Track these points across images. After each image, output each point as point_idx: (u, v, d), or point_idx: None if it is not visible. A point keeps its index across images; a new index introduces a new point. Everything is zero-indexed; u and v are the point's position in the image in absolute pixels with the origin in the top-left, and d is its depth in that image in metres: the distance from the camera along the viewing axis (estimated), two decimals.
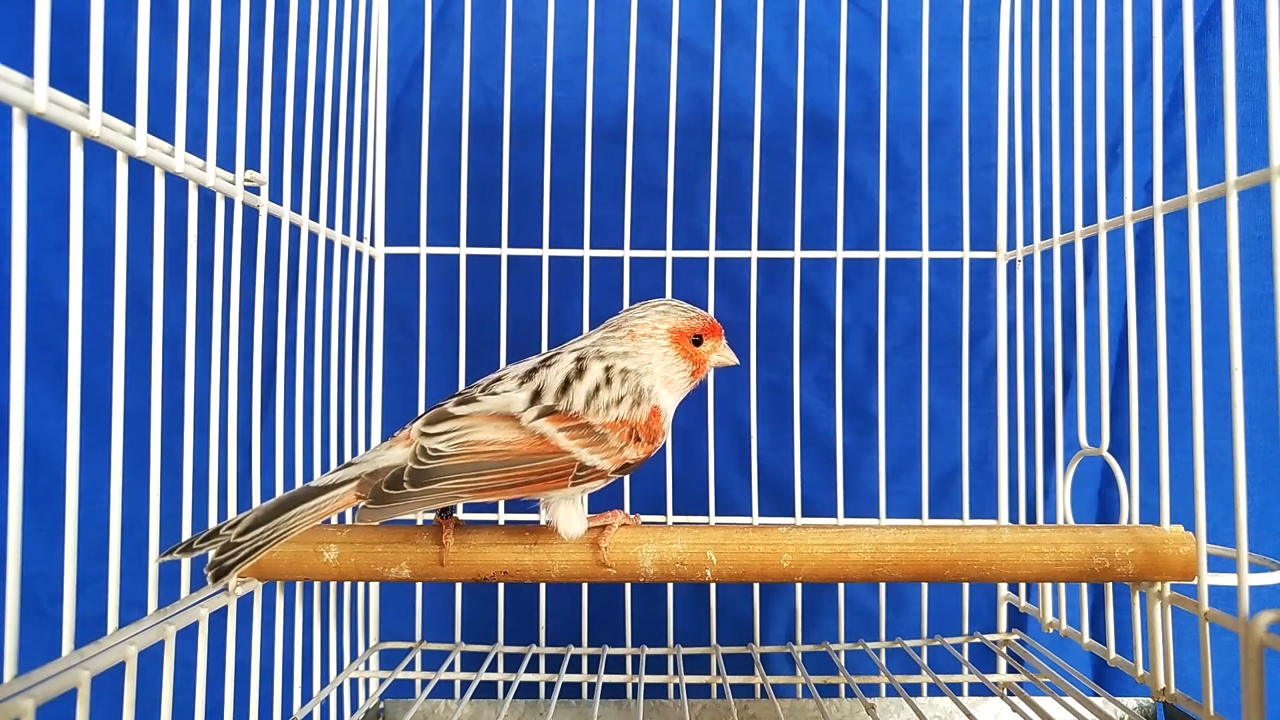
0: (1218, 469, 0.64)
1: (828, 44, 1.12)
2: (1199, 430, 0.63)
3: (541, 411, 0.67)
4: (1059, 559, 0.71)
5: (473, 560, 0.72)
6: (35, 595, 0.98)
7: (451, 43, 1.13)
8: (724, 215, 1.10)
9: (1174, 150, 1.01)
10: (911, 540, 0.72)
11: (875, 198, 1.04)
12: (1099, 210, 0.80)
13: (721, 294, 1.10)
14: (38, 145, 0.48)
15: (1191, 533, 0.68)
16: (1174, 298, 0.73)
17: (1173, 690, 0.69)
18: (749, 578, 0.73)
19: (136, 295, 0.59)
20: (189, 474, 0.64)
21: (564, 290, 1.08)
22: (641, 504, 1.04)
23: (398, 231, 1.05)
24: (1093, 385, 0.87)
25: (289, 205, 0.79)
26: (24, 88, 0.47)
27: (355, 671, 0.92)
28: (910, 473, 1.10)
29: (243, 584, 0.71)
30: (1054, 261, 0.89)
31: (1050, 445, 0.90)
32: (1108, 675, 1.08)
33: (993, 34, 1.06)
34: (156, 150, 0.59)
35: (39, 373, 0.86)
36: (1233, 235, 0.58)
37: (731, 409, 1.14)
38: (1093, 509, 1.11)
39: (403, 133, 1.11)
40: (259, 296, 0.72)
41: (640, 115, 1.05)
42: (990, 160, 1.04)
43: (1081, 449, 0.82)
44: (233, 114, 0.69)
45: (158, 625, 0.60)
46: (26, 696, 0.46)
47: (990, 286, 1.06)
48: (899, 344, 1.14)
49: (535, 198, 1.03)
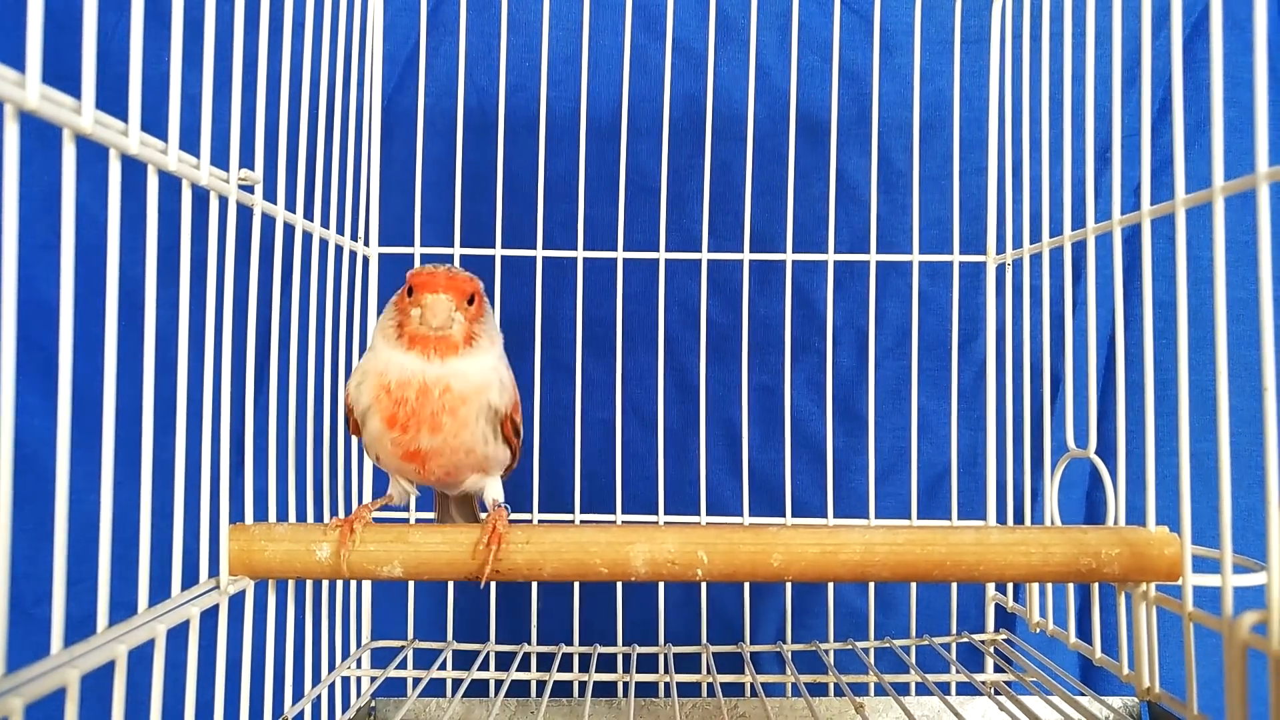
0: (1203, 471, 0.64)
1: (820, 46, 1.13)
2: (1184, 433, 0.64)
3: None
4: (1046, 560, 0.71)
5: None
6: (20, 596, 0.97)
7: (445, 41, 1.13)
8: (716, 216, 1.10)
9: (1162, 155, 1.02)
10: (901, 540, 0.72)
11: (866, 200, 1.05)
12: (1087, 215, 0.80)
13: (714, 296, 1.11)
14: (28, 142, 0.48)
15: (1177, 534, 0.68)
16: (1161, 302, 0.74)
17: (1157, 690, 0.70)
18: (739, 577, 0.73)
19: (128, 293, 0.59)
20: (180, 473, 0.64)
21: (558, 291, 1.09)
22: (633, 504, 1.04)
23: (391, 231, 1.05)
24: (1080, 388, 0.88)
25: (283, 204, 0.79)
26: (16, 83, 0.46)
27: (347, 670, 0.92)
28: (900, 474, 1.10)
29: (234, 582, 0.71)
30: (1043, 265, 0.89)
31: (1038, 447, 0.91)
32: (1094, 675, 1.08)
33: (984, 38, 1.06)
34: (149, 148, 0.58)
35: (27, 371, 0.86)
36: (1219, 240, 0.59)
37: (723, 410, 1.14)
38: (1079, 511, 1.12)
39: (396, 132, 1.11)
40: (252, 295, 0.72)
41: (634, 116, 1.05)
42: (981, 164, 1.05)
43: (1069, 451, 0.83)
44: (226, 112, 0.69)
45: (148, 624, 0.59)
46: (15, 695, 0.46)
47: (980, 290, 1.07)
48: (889, 346, 1.15)
49: (529, 198, 1.03)
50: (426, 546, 0.72)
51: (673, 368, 1.13)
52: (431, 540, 0.73)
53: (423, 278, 0.72)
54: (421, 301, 0.71)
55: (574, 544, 0.72)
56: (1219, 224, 0.59)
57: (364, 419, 0.73)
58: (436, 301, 0.70)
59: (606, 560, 0.72)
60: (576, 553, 0.72)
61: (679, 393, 1.14)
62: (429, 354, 0.71)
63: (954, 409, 1.02)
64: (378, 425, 0.72)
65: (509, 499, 0.78)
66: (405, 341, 0.71)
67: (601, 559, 0.72)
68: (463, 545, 0.72)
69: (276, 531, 0.72)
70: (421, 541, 0.72)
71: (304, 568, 0.72)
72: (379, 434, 0.73)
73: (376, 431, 0.73)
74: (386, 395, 0.71)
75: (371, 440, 0.74)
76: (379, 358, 0.73)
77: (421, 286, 0.71)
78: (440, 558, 0.72)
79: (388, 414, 0.71)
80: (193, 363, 0.65)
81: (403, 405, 0.71)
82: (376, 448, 0.75)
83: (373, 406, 0.72)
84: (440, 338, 0.71)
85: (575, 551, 0.72)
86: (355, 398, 0.74)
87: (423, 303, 0.70)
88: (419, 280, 0.72)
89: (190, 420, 0.65)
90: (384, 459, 0.76)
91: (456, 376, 0.72)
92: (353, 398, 0.74)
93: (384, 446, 0.73)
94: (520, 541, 0.72)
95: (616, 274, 1.03)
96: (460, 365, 0.72)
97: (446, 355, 0.71)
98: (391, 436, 0.72)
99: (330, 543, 0.72)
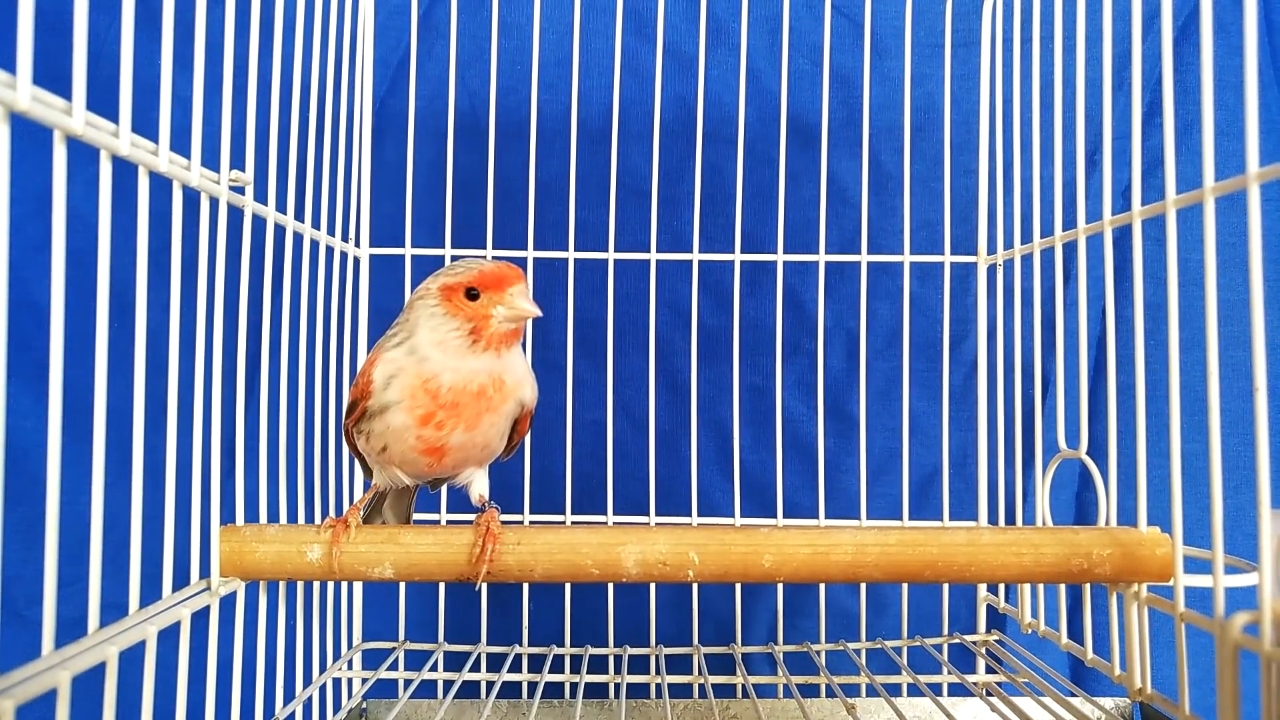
0: (1194, 472, 0.65)
1: (810, 49, 1.13)
2: (1175, 434, 0.64)
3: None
4: (1038, 560, 0.71)
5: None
6: (12, 598, 0.97)
7: (436, 44, 1.13)
8: (707, 218, 1.10)
9: (1152, 157, 1.03)
10: (892, 541, 0.72)
11: (857, 202, 1.05)
12: (1078, 216, 0.80)
13: (705, 297, 1.11)
14: (19, 144, 0.48)
15: (1168, 535, 0.69)
16: (1151, 303, 0.75)
17: (1149, 690, 0.70)
18: (731, 578, 0.73)
19: (119, 295, 0.58)
20: (171, 475, 0.64)
21: (549, 292, 1.08)
22: (624, 505, 1.04)
23: (382, 232, 1.05)
24: (1071, 389, 0.88)
25: (274, 205, 0.79)
26: (7, 85, 0.46)
27: (338, 671, 0.92)
28: (891, 475, 1.11)
29: (225, 583, 0.70)
30: (1034, 266, 0.89)
31: (1029, 448, 0.91)
32: (1085, 675, 1.08)
33: (974, 41, 1.07)
34: (140, 149, 0.58)
35: (18, 373, 0.86)
36: (1209, 241, 0.59)
37: (714, 411, 1.14)
38: (1069, 511, 1.12)
39: (388, 134, 1.10)
40: (243, 297, 0.72)
41: (625, 118, 1.05)
42: (971, 165, 1.05)
43: (1060, 452, 0.83)
44: (217, 113, 0.69)
45: (139, 625, 0.59)
46: (6, 697, 0.46)
47: (970, 291, 1.07)
48: (880, 347, 1.15)
49: (520, 200, 1.03)
50: (418, 548, 0.72)
51: (664, 368, 1.13)
52: (423, 541, 0.72)
53: (491, 274, 0.69)
54: (509, 294, 0.69)
55: (565, 545, 0.72)
56: (1209, 225, 0.59)
57: (380, 411, 0.71)
58: (526, 290, 0.69)
59: (598, 561, 0.72)
60: (568, 554, 0.72)
61: (670, 393, 1.14)
62: (500, 350, 0.70)
63: (945, 409, 1.02)
64: (402, 420, 0.70)
65: (500, 502, 0.78)
66: (483, 344, 0.69)
67: (593, 560, 0.72)
68: (454, 546, 0.72)
69: (267, 533, 0.72)
70: (413, 543, 0.72)
71: (295, 569, 0.72)
72: (400, 429, 0.70)
73: (398, 426, 0.70)
74: (427, 395, 0.69)
75: (383, 431, 0.72)
76: (429, 366, 0.70)
77: (499, 283, 0.69)
78: (432, 559, 0.72)
79: (423, 412, 0.69)
80: (184, 363, 0.65)
81: (446, 406, 0.69)
82: (387, 438, 0.72)
83: (402, 403, 0.70)
84: (512, 331, 0.70)
85: (566, 552, 0.72)
86: (377, 391, 0.70)
87: (511, 294, 0.69)
88: (493, 277, 0.69)
89: (181, 421, 0.64)
90: (392, 451, 0.73)
91: (508, 371, 0.71)
92: (375, 391, 0.71)
93: (402, 440, 0.71)
94: (511, 543, 0.72)
95: (607, 275, 1.03)
96: (511, 359, 0.72)
97: (508, 348, 0.71)
98: (418, 432, 0.70)
99: (321, 544, 0.71)
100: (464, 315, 0.69)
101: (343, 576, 0.72)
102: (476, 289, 0.69)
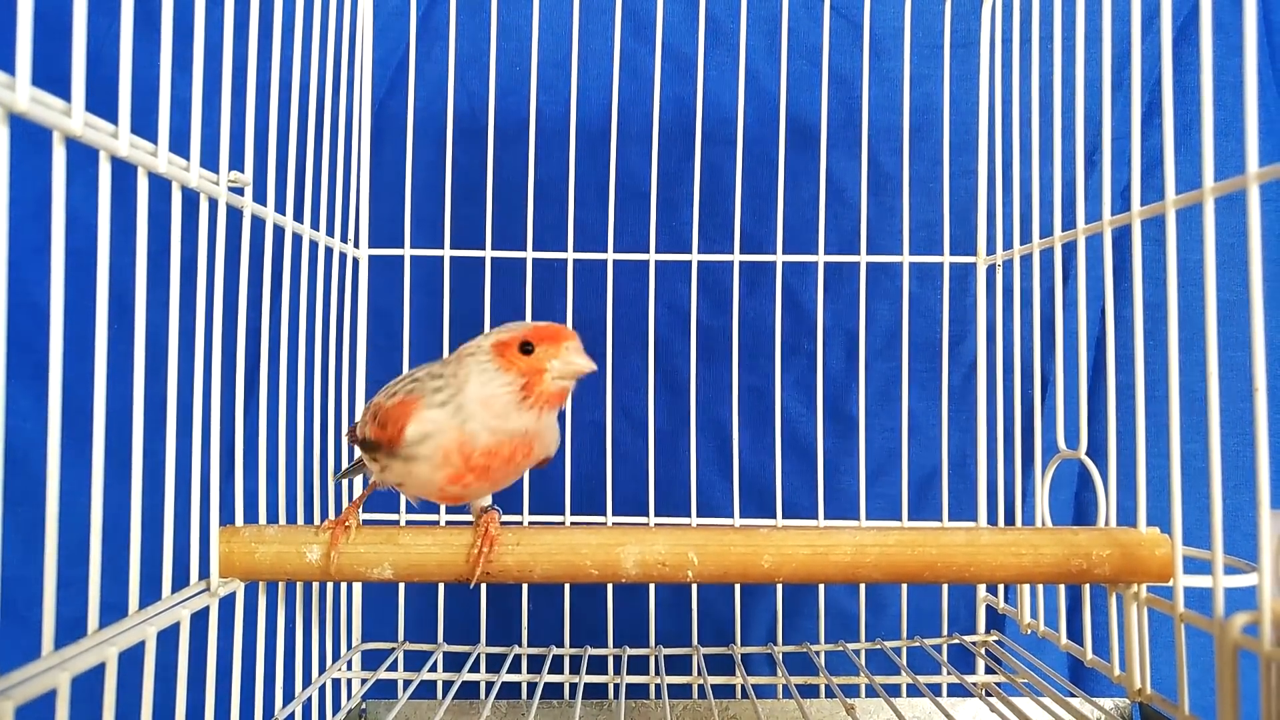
0: (1193, 472, 0.65)
1: (809, 50, 1.13)
2: (1175, 434, 0.64)
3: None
4: (1037, 561, 0.71)
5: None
6: (12, 599, 0.97)
7: (435, 45, 1.13)
8: (706, 219, 1.10)
9: (1151, 157, 1.03)
10: (891, 542, 0.72)
11: (856, 203, 1.05)
12: (1077, 216, 0.81)
13: (704, 297, 1.11)
14: (18, 145, 0.48)
15: (1167, 535, 0.69)
16: (1150, 303, 0.74)
17: (1149, 691, 0.70)
18: (730, 579, 0.73)
19: (118, 296, 0.58)
20: (171, 475, 0.64)
21: (548, 293, 1.09)
22: (623, 506, 1.04)
23: (381, 233, 1.05)
24: (1070, 389, 0.88)
25: (273, 206, 0.79)
26: (6, 86, 0.46)
27: (337, 672, 0.92)
28: (890, 475, 1.11)
29: (224, 584, 0.70)
30: (1033, 266, 0.90)
31: (1028, 448, 0.91)
32: (1085, 676, 1.08)
33: (973, 41, 1.07)
34: (139, 150, 0.58)
35: (18, 374, 0.85)
36: (1209, 241, 0.59)
37: (713, 412, 1.14)
38: (1068, 511, 1.12)
39: (387, 135, 1.10)
40: (242, 297, 0.72)
41: (624, 119, 1.05)
42: (970, 166, 1.05)
43: (1059, 452, 0.83)
44: (216, 115, 0.69)
45: (138, 626, 0.59)
46: (6, 698, 0.46)
47: (970, 291, 1.07)
48: (879, 348, 1.15)
49: (519, 201, 1.03)
50: (417, 548, 0.72)
51: (663, 369, 1.13)
52: (422, 542, 0.72)
53: (547, 330, 0.68)
54: (564, 348, 0.67)
55: (564, 546, 0.72)
56: (1209, 225, 0.59)
57: (406, 458, 0.69)
58: (580, 347, 0.67)
59: (597, 562, 0.72)
60: (567, 554, 0.72)
61: (669, 394, 1.14)
62: (543, 413, 0.68)
63: (944, 410, 1.02)
64: (427, 474, 0.69)
65: (500, 502, 0.78)
66: (531, 402, 0.67)
67: (592, 561, 0.72)
68: (453, 547, 0.72)
69: (267, 533, 0.72)
70: (412, 543, 0.72)
71: (294, 569, 0.72)
72: (423, 479, 0.69)
73: (421, 476, 0.69)
74: (460, 459, 0.67)
75: (403, 472, 0.70)
76: (470, 426, 0.67)
77: (555, 336, 0.67)
78: (431, 559, 0.72)
79: (452, 473, 0.68)
80: (183, 364, 0.65)
81: (476, 469, 0.68)
82: (405, 479, 0.71)
83: (432, 459, 0.68)
84: (561, 390, 0.68)
85: (566, 553, 0.72)
86: (408, 444, 0.68)
87: (566, 348, 0.67)
88: (548, 332, 0.68)
89: (181, 422, 0.64)
90: (407, 485, 0.72)
91: (541, 437, 0.70)
92: (406, 444, 0.68)
93: (421, 485, 0.70)
94: (511, 543, 0.72)
95: (607, 276, 1.03)
96: (549, 421, 0.70)
97: (551, 410, 0.69)
98: (441, 485, 0.69)
99: (320, 544, 0.71)
100: (517, 370, 0.67)
101: (342, 577, 0.72)
102: (531, 343, 0.67)
